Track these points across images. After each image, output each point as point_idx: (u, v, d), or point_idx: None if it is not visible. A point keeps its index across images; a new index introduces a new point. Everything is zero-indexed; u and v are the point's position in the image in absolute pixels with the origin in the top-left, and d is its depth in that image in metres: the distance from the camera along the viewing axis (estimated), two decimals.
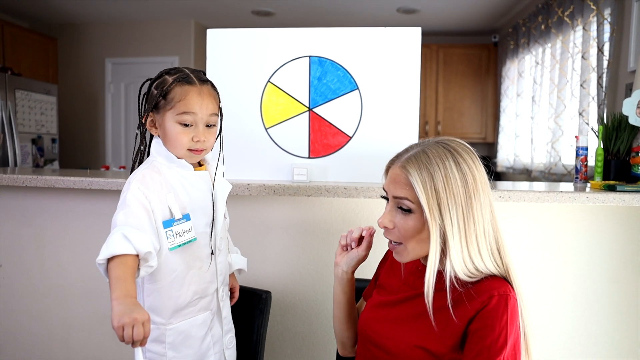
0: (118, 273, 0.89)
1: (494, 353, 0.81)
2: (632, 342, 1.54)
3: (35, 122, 3.63)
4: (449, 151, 0.87)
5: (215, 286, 1.15)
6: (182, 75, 1.05)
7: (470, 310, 0.85)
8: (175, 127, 1.04)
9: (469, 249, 0.85)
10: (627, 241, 1.53)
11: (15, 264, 1.86)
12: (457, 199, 0.84)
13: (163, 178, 1.05)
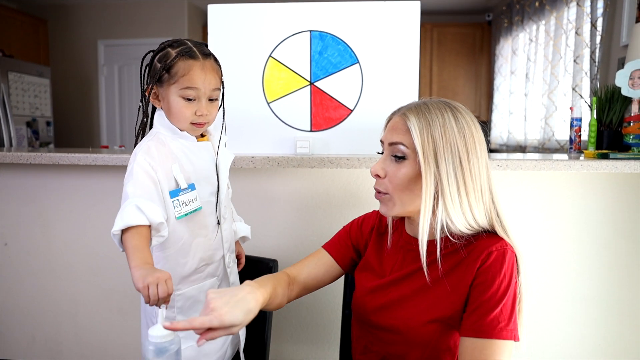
0: (134, 243, 0.92)
1: (493, 305, 0.83)
2: (621, 304, 1.61)
3: (30, 105, 3.60)
4: (449, 107, 0.90)
5: (222, 253, 1.18)
6: (185, 49, 1.05)
7: (472, 269, 0.87)
8: (178, 101, 1.05)
9: (469, 199, 0.86)
10: (618, 208, 1.58)
11: (20, 242, 1.88)
12: (454, 149, 0.85)
13: (167, 149, 1.07)
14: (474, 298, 0.86)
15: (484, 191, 0.88)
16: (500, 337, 0.82)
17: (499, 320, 0.83)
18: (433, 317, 0.89)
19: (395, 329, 0.93)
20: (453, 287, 0.89)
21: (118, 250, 1.77)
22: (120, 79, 4.55)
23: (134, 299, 1.83)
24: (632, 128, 1.61)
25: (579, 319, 1.62)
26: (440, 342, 0.90)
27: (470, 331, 0.84)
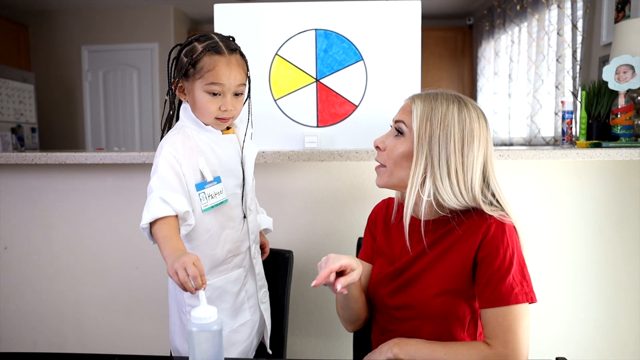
0: (163, 233, 0.94)
1: (503, 274, 0.90)
2: (614, 287, 1.69)
3: (14, 111, 3.54)
4: (459, 100, 0.97)
5: (248, 244, 1.21)
6: (212, 43, 1.06)
7: (475, 241, 0.93)
8: (203, 96, 1.06)
9: (458, 184, 0.93)
10: (610, 196, 1.67)
11: (20, 245, 1.85)
12: (449, 138, 0.92)
13: (193, 142, 1.09)
14: (484, 271, 0.92)
15: (474, 181, 0.94)
16: (517, 302, 0.88)
17: (513, 287, 0.89)
18: (440, 290, 0.96)
19: (408, 306, 1.00)
20: (456, 261, 0.95)
21: (122, 251, 1.78)
22: (105, 85, 4.50)
23: (141, 301, 1.83)
24: (620, 119, 1.71)
25: (574, 303, 1.70)
26: (449, 313, 0.96)
27: (489, 302, 0.91)
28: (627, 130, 1.69)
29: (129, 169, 1.75)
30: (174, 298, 1.21)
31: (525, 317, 0.89)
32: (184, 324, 1.17)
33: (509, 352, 0.86)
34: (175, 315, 1.22)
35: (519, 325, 0.88)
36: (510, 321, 0.88)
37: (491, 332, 0.90)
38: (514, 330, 0.88)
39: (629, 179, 1.65)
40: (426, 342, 0.94)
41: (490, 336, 0.90)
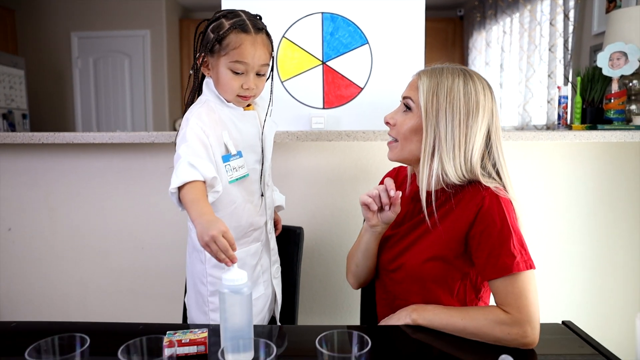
0: (191, 197, 0.95)
1: (502, 241, 0.93)
2: (606, 265, 1.78)
3: (5, 97, 3.47)
4: (464, 73, 1.00)
5: (265, 219, 1.24)
6: (239, 21, 1.06)
7: (469, 213, 0.97)
8: (227, 72, 1.08)
9: (462, 156, 0.97)
10: (603, 178, 1.75)
11: (25, 227, 1.85)
12: (455, 110, 0.96)
13: (217, 116, 1.11)
14: (484, 243, 0.95)
15: (475, 151, 0.98)
16: (519, 270, 0.91)
17: (514, 255, 0.92)
18: (431, 255, 1.00)
19: (402, 269, 1.05)
20: (450, 230, 0.99)
21: (128, 231, 1.78)
22: (95, 72, 4.44)
23: (146, 281, 1.85)
24: (613, 104, 1.78)
25: (568, 278, 1.78)
26: (438, 278, 1.01)
27: (493, 273, 0.94)
28: (619, 115, 1.77)
29: (136, 149, 1.76)
30: (190, 272, 1.24)
31: (532, 283, 0.93)
32: (201, 296, 1.20)
33: (523, 317, 0.90)
34: (191, 289, 1.24)
35: (528, 291, 0.92)
36: (519, 288, 0.91)
37: (504, 300, 0.93)
38: (525, 296, 0.91)
39: (622, 161, 1.73)
40: (443, 308, 0.99)
41: (503, 304, 0.93)
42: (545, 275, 1.75)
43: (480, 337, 0.93)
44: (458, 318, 0.95)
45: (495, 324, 0.91)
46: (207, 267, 1.16)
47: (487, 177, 1.00)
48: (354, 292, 1.77)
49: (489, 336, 0.92)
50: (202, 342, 0.89)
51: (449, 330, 0.95)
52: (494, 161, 1.01)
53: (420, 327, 0.97)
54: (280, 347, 0.94)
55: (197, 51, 1.13)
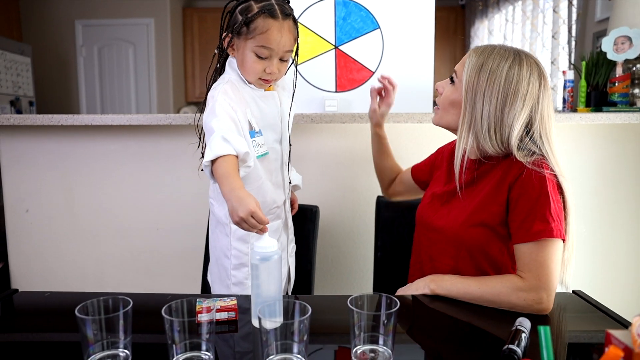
0: (222, 171, 0.97)
1: (540, 206, 0.93)
2: (609, 246, 1.84)
3: (12, 84, 3.49)
4: (515, 56, 0.99)
5: (283, 198, 1.27)
6: (268, 6, 1.07)
7: (509, 177, 0.99)
8: (251, 55, 1.09)
9: (497, 137, 0.99)
10: (607, 159, 1.80)
11: (42, 208, 1.89)
12: (493, 94, 0.97)
13: (241, 94, 1.14)
14: (521, 207, 0.96)
15: (512, 137, 0.98)
16: (551, 236, 0.93)
17: (548, 220, 0.94)
18: (472, 221, 1.03)
19: (441, 230, 1.09)
20: (492, 195, 1.02)
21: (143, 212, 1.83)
22: (100, 61, 4.45)
23: (161, 261, 1.89)
24: (617, 87, 1.83)
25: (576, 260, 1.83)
26: (475, 243, 1.03)
27: (523, 235, 0.96)
28: (623, 98, 1.82)
29: (152, 131, 1.80)
30: (214, 246, 1.28)
31: (557, 253, 0.95)
32: (224, 270, 1.24)
33: (541, 285, 0.93)
34: (214, 264, 1.28)
35: (552, 259, 0.94)
36: (544, 256, 0.94)
37: (525, 265, 0.96)
38: (547, 265, 0.94)
39: (626, 143, 1.78)
40: (460, 277, 1.02)
41: (523, 269, 0.96)
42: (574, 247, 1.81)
43: (496, 303, 0.96)
44: (475, 286, 0.98)
45: (512, 290, 0.94)
46: (231, 239, 1.20)
47: (524, 152, 1.00)
48: (365, 270, 1.84)
49: (505, 302, 0.95)
50: (232, 308, 0.93)
51: (467, 298, 0.98)
52: (536, 147, 1.00)
53: (438, 297, 1.01)
54: None
55: (223, 31, 1.15)
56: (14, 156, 1.85)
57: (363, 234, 1.80)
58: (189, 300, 0.79)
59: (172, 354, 0.73)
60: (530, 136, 1.01)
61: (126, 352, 0.75)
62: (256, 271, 0.88)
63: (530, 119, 1.00)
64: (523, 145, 1.01)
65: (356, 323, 0.75)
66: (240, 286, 1.21)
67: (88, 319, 0.72)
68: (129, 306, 0.76)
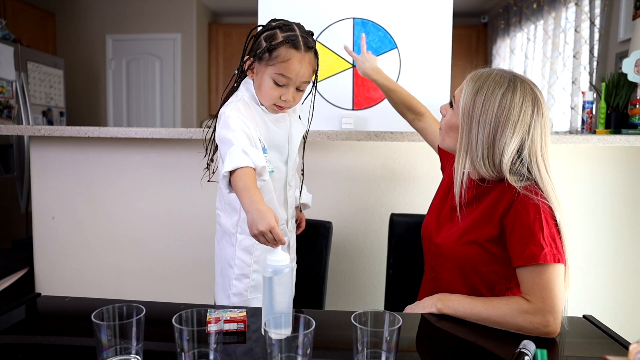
0: (242, 184, 0.99)
1: (533, 231, 0.95)
2: (630, 268, 1.80)
3: (45, 95, 3.65)
4: (510, 83, 1.00)
5: (286, 217, 1.29)
6: (292, 36, 1.11)
7: (504, 201, 1.01)
8: (269, 81, 1.13)
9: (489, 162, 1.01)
10: (627, 181, 1.78)
11: (67, 215, 1.96)
12: (487, 121, 0.99)
13: (252, 113, 1.17)
14: (516, 231, 0.98)
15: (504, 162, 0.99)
16: (546, 261, 0.94)
17: (543, 246, 0.95)
18: (465, 238, 1.06)
19: (439, 245, 1.13)
20: (486, 214, 1.04)
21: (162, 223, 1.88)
22: (128, 74, 4.61)
23: (178, 271, 1.94)
24: (638, 109, 1.81)
25: (592, 281, 1.80)
26: (468, 260, 1.06)
27: (521, 260, 0.97)
28: None
29: (172, 144, 1.86)
30: (219, 256, 1.30)
31: (559, 276, 0.95)
32: (228, 279, 1.25)
33: (546, 308, 0.93)
34: (219, 275, 1.31)
35: (554, 283, 0.95)
36: (546, 279, 0.95)
37: (529, 289, 0.96)
38: (550, 288, 0.94)
39: None
40: (467, 297, 1.03)
41: (528, 293, 0.96)
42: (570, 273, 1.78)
43: (503, 325, 0.96)
44: (482, 307, 0.99)
45: (518, 313, 0.95)
46: (236, 249, 1.23)
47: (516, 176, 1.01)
48: (377, 287, 1.84)
49: (511, 325, 0.95)
50: (241, 320, 0.95)
51: (473, 319, 0.99)
52: (526, 171, 1.01)
53: (444, 316, 1.01)
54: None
55: (245, 53, 1.19)
56: (43, 165, 1.93)
57: (377, 251, 1.81)
58: (199, 310, 0.81)
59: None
60: (521, 160, 1.01)
61: (138, 357, 0.79)
62: (269, 283, 0.91)
63: (522, 145, 1.00)
64: (515, 169, 1.02)
65: (359, 339, 0.76)
66: (240, 297, 1.24)
67: (103, 324, 0.76)
68: (142, 314, 0.79)
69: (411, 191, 1.79)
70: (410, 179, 1.79)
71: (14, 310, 1.03)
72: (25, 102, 3.40)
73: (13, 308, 1.04)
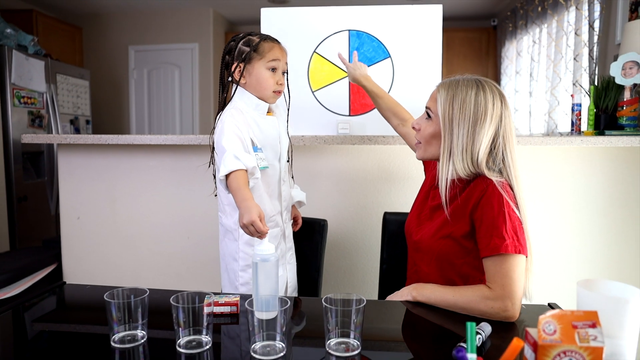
0: (235, 185, 1.17)
1: (497, 225, 1.05)
2: (618, 263, 1.87)
3: (73, 105, 3.90)
4: (477, 84, 1.13)
5: (279, 208, 1.44)
6: (264, 36, 1.37)
7: (473, 199, 1.12)
8: (265, 72, 1.34)
9: (468, 156, 1.12)
10: (614, 180, 1.85)
11: (90, 216, 2.15)
12: (466, 118, 1.11)
13: (244, 117, 1.33)
14: (483, 225, 1.08)
15: (481, 152, 1.12)
16: (507, 251, 1.05)
17: (505, 238, 1.05)
18: (441, 233, 1.17)
19: (419, 240, 1.23)
20: (459, 212, 1.15)
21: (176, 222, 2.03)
22: (149, 82, 4.85)
23: (190, 266, 2.10)
24: (625, 111, 1.88)
25: (582, 275, 1.87)
26: (444, 253, 1.17)
27: (486, 251, 1.08)
28: (632, 121, 1.86)
29: (185, 150, 2.02)
30: (223, 254, 1.45)
31: (519, 265, 1.06)
32: (233, 272, 1.40)
33: (505, 294, 1.04)
34: (224, 271, 1.45)
35: (514, 272, 1.05)
36: (506, 268, 1.05)
37: (491, 277, 1.07)
38: (509, 276, 1.05)
39: (631, 165, 1.82)
40: (439, 287, 1.14)
41: (490, 281, 1.07)
42: (556, 270, 1.87)
43: (468, 310, 1.07)
44: (450, 295, 1.10)
45: (481, 299, 1.05)
46: (239, 243, 1.37)
47: (492, 172, 1.13)
48: (374, 281, 1.96)
49: (475, 310, 1.06)
50: (234, 303, 1.09)
51: (443, 305, 1.10)
52: (500, 160, 1.14)
53: (419, 303, 1.13)
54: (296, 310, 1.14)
55: (227, 66, 1.38)
56: (69, 170, 2.12)
57: (372, 247, 1.93)
58: (200, 294, 0.96)
59: (177, 335, 0.90)
60: (495, 152, 1.13)
61: (143, 332, 0.93)
62: (255, 269, 1.05)
63: (496, 134, 1.13)
64: (491, 160, 1.14)
65: (331, 319, 0.89)
66: (247, 286, 1.38)
67: (113, 302, 0.91)
68: (145, 294, 0.94)
69: (405, 191, 1.90)
70: (405, 179, 1.91)
71: (45, 295, 1.21)
72: (55, 111, 3.65)
73: (44, 293, 1.21)
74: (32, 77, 3.44)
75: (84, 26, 4.80)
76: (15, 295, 2.06)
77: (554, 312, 0.68)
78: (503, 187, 1.10)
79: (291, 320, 1.07)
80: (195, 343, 0.90)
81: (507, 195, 1.10)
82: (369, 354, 0.90)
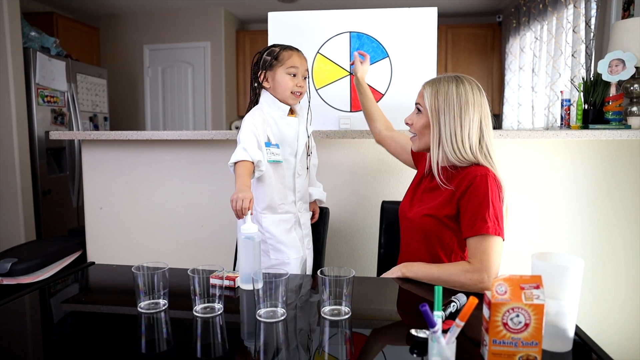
0: (239, 172, 1.35)
1: (481, 209, 1.21)
2: (604, 249, 1.98)
3: (91, 102, 4.10)
4: (457, 80, 1.30)
5: (293, 198, 1.60)
6: (284, 45, 1.57)
7: (462, 187, 1.26)
8: (285, 77, 1.52)
9: (457, 144, 1.27)
10: (600, 171, 1.96)
11: (112, 206, 2.32)
12: (450, 109, 1.27)
13: (265, 116, 1.52)
14: (468, 210, 1.23)
15: (472, 137, 1.27)
16: (488, 233, 1.19)
17: (487, 220, 1.20)
18: (429, 213, 1.31)
19: (411, 219, 1.37)
20: (448, 196, 1.30)
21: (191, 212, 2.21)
22: (163, 80, 5.03)
23: (205, 253, 2.26)
24: (611, 106, 1.98)
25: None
26: (431, 231, 1.32)
27: (468, 231, 1.23)
28: (617, 116, 1.97)
29: (198, 144, 2.18)
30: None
31: (496, 245, 1.20)
32: None
33: (482, 267, 1.19)
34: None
35: (491, 250, 1.20)
36: (485, 246, 1.20)
37: (472, 254, 1.22)
38: (487, 252, 1.20)
39: (617, 157, 1.93)
40: (426, 264, 1.29)
41: (471, 256, 1.22)
42: None
43: (450, 283, 1.21)
44: (435, 270, 1.25)
45: (462, 272, 1.20)
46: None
47: (485, 159, 1.29)
48: (374, 264, 2.09)
49: (456, 282, 1.20)
50: (233, 278, 1.25)
51: (428, 279, 1.25)
52: (486, 144, 1.29)
53: (408, 279, 1.28)
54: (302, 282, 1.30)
55: (254, 73, 1.57)
56: (92, 163, 2.30)
57: (371, 233, 2.07)
58: (212, 270, 1.11)
59: (194, 302, 1.06)
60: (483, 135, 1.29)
61: (165, 300, 1.09)
62: (241, 247, 1.20)
63: (481, 121, 1.29)
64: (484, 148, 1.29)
65: (325, 289, 1.04)
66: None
67: (139, 273, 1.07)
68: (166, 268, 1.10)
69: (402, 182, 2.04)
70: (401, 171, 2.04)
71: (77, 273, 1.38)
72: (75, 109, 3.85)
73: (77, 271, 1.38)
74: (55, 77, 3.64)
75: (101, 27, 5.00)
76: (46, 278, 2.24)
77: (505, 276, 0.82)
78: (491, 178, 1.25)
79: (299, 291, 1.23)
80: (209, 309, 1.06)
81: (495, 185, 1.24)
82: (358, 322, 1.04)
